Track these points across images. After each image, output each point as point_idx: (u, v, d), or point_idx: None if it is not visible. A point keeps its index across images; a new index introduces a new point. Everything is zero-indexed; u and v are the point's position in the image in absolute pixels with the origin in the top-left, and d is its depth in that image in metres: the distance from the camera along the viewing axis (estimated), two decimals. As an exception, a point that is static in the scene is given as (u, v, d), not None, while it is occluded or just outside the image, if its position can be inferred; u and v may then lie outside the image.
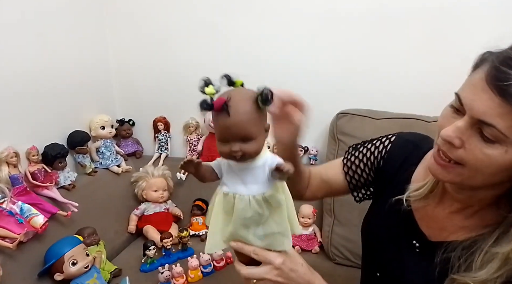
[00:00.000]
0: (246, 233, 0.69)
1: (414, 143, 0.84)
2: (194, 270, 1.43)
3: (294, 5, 1.65)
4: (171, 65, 1.88)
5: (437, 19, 1.51)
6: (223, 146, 0.63)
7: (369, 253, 0.92)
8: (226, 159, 0.66)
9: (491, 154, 0.56)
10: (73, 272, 1.25)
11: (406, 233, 0.79)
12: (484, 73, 0.55)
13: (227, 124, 0.60)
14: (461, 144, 0.58)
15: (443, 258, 0.68)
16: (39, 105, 1.50)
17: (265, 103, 0.60)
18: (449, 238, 0.71)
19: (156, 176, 1.78)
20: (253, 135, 0.62)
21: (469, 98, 0.57)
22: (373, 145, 0.91)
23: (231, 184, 0.68)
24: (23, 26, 1.42)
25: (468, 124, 0.57)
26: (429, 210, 0.76)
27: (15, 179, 1.31)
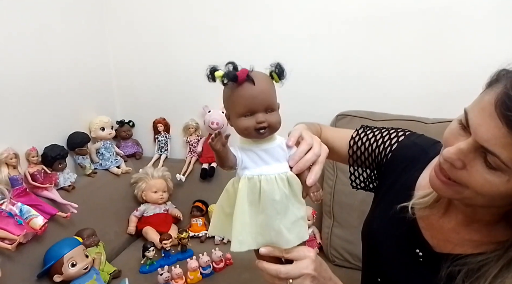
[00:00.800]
0: (279, 223, 0.65)
1: (422, 147, 0.82)
2: (193, 272, 1.42)
3: (294, 7, 1.66)
4: (171, 66, 1.88)
5: (436, 21, 1.51)
6: (246, 120, 0.62)
7: (370, 257, 0.90)
8: (249, 135, 0.64)
9: (492, 181, 0.54)
10: (72, 274, 1.25)
11: (409, 241, 0.76)
12: (494, 98, 0.53)
13: (253, 93, 0.61)
14: (463, 166, 0.57)
15: (448, 271, 0.66)
16: (38, 107, 1.50)
17: (281, 76, 0.63)
18: (454, 251, 0.68)
19: (155, 177, 1.78)
20: (275, 106, 0.64)
21: (476, 122, 0.55)
22: (382, 137, 0.88)
23: (253, 167, 0.66)
24: (23, 27, 1.42)
25: (472, 147, 0.55)
26: (434, 220, 0.74)
27: (14, 180, 1.31)
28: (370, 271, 0.91)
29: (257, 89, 0.61)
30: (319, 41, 1.67)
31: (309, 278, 0.68)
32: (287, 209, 0.66)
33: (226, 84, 0.62)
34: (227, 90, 0.64)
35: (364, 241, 0.92)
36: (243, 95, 0.62)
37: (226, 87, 0.64)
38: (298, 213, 0.67)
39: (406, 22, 1.55)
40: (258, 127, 0.62)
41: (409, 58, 1.58)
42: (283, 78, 0.64)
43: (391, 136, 0.87)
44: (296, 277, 0.68)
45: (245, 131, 0.64)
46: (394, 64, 1.61)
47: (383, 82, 1.64)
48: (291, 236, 0.67)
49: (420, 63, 1.57)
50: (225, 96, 0.66)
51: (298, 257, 0.69)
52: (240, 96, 0.62)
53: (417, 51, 1.56)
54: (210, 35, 1.79)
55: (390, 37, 1.59)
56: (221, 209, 0.72)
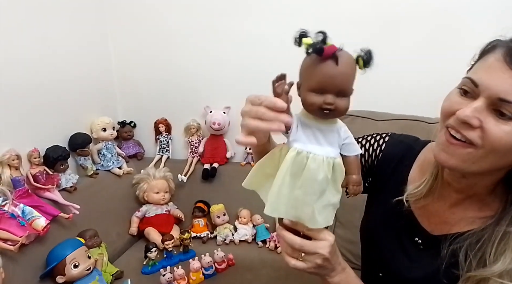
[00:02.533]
0: (313, 203, 0.65)
1: (407, 144, 0.86)
2: (195, 272, 1.42)
3: (295, 7, 1.66)
4: (173, 67, 1.88)
5: (439, 21, 1.51)
6: (316, 96, 0.60)
7: (370, 254, 0.92)
8: (312, 111, 0.63)
9: (509, 131, 0.57)
10: (75, 275, 1.25)
11: (407, 232, 0.80)
12: (501, 55, 0.57)
13: (333, 72, 0.59)
14: (480, 123, 0.58)
15: (449, 251, 0.69)
16: (40, 108, 1.50)
17: (367, 64, 0.61)
18: (452, 231, 0.72)
19: (157, 177, 1.78)
20: (349, 92, 0.62)
21: (486, 79, 0.58)
22: (367, 141, 0.92)
23: (305, 142, 0.64)
24: (25, 28, 1.42)
25: (485, 104, 0.58)
26: (429, 206, 0.77)
27: (17, 182, 1.31)
28: (370, 267, 0.92)
29: (338, 70, 0.59)
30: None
31: (321, 258, 0.70)
32: (323, 192, 0.66)
33: (310, 53, 0.59)
34: (308, 60, 0.62)
35: (363, 239, 0.94)
36: (321, 71, 0.59)
37: (308, 56, 0.62)
38: (332, 199, 0.67)
39: (409, 22, 1.55)
40: (324, 108, 0.61)
41: (411, 58, 1.58)
42: (368, 66, 0.62)
43: (377, 139, 0.91)
44: (310, 253, 0.70)
45: (309, 107, 0.62)
46: (396, 64, 1.60)
47: (385, 82, 1.63)
48: (320, 218, 0.67)
49: (422, 63, 1.56)
50: (304, 64, 0.63)
51: (317, 237, 0.70)
52: (319, 71, 0.60)
53: (419, 51, 1.56)
54: (211, 37, 1.79)
55: (392, 37, 1.59)
56: (261, 168, 0.71)
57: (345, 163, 0.66)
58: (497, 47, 0.59)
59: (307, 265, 0.70)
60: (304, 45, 0.58)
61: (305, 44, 0.58)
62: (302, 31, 0.59)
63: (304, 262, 0.70)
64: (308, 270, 0.71)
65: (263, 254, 1.61)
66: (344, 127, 0.67)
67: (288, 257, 0.72)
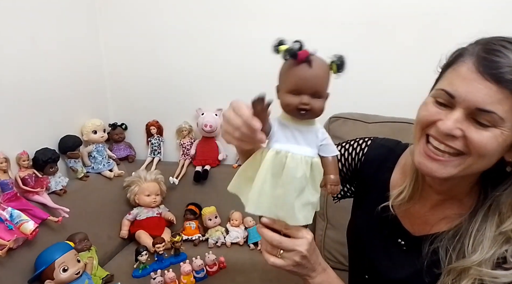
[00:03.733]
0: (293, 200, 0.67)
1: (389, 148, 0.88)
2: (186, 276, 1.41)
3: (286, 10, 1.66)
4: (164, 69, 1.87)
5: (429, 24, 1.53)
6: (293, 97, 0.64)
7: (356, 256, 0.94)
8: (290, 112, 0.66)
9: (491, 137, 0.59)
10: (64, 279, 1.24)
11: (391, 234, 0.82)
12: (472, 66, 0.59)
13: (307, 75, 0.63)
14: (462, 133, 0.61)
15: (430, 250, 0.72)
16: (29, 110, 1.49)
17: (340, 68, 0.66)
18: (432, 231, 0.74)
19: (148, 180, 1.77)
20: (323, 93, 0.67)
21: (463, 91, 0.60)
22: (350, 146, 0.95)
23: (284, 143, 0.68)
24: (14, 30, 1.41)
25: (464, 115, 0.60)
26: (411, 208, 0.79)
27: (5, 185, 1.29)
28: (357, 270, 0.94)
29: (312, 72, 0.64)
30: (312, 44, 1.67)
31: (299, 255, 0.71)
32: (303, 190, 0.68)
33: (286, 59, 0.64)
34: (285, 65, 0.66)
35: (350, 242, 0.97)
36: (296, 73, 0.64)
37: (285, 62, 0.66)
38: (311, 198, 0.70)
39: (400, 25, 1.56)
40: (300, 108, 0.64)
41: (402, 61, 1.59)
42: (341, 71, 0.66)
43: (359, 143, 0.94)
44: (288, 250, 0.71)
45: (286, 107, 0.66)
46: (388, 66, 1.62)
47: (376, 84, 1.65)
48: (300, 215, 0.69)
49: (413, 66, 1.58)
50: (282, 69, 0.68)
51: (296, 235, 0.72)
52: (294, 73, 0.64)
53: (411, 54, 1.57)
54: (203, 39, 1.79)
55: (384, 40, 1.60)
56: (244, 172, 0.74)
57: (323, 163, 0.69)
58: (465, 56, 0.62)
59: (285, 262, 0.72)
60: (281, 51, 0.63)
61: (281, 51, 0.63)
62: (279, 39, 0.65)
63: (283, 259, 0.72)
64: (287, 268, 0.73)
65: (254, 257, 1.60)
66: (322, 129, 0.70)
67: (267, 254, 0.74)
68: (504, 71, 0.56)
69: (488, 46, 0.59)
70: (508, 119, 0.58)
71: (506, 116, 0.58)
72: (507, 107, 0.57)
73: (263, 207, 0.69)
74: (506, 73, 0.56)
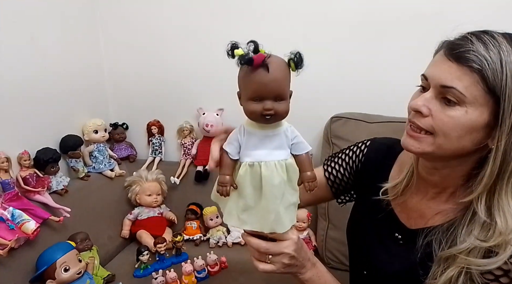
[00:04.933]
0: (277, 208, 0.68)
1: (388, 146, 0.90)
2: (188, 276, 1.41)
3: (288, 9, 1.66)
4: (165, 68, 1.87)
5: (430, 23, 1.52)
6: (255, 104, 0.64)
7: (355, 253, 0.95)
8: (255, 119, 0.66)
9: (454, 115, 0.64)
10: (65, 279, 1.24)
11: (388, 228, 0.83)
12: (443, 50, 0.67)
13: (265, 80, 0.62)
14: (429, 111, 0.67)
15: (424, 243, 0.73)
16: (31, 110, 1.49)
17: (298, 65, 0.64)
18: (428, 224, 0.75)
19: (149, 180, 1.77)
20: (285, 95, 0.65)
21: (432, 71, 0.68)
22: (350, 150, 0.97)
23: (253, 154, 0.67)
24: (15, 30, 1.41)
25: (433, 94, 0.66)
26: (408, 202, 0.82)
27: (6, 184, 1.29)
28: (356, 266, 0.96)
29: (270, 77, 0.62)
30: (313, 44, 1.67)
31: (288, 257, 0.73)
32: (283, 195, 0.68)
33: (242, 64, 0.63)
34: (242, 71, 0.65)
35: (349, 239, 0.98)
36: (255, 80, 0.63)
37: (241, 67, 0.65)
38: (291, 198, 0.70)
39: (401, 24, 1.56)
40: (264, 114, 0.63)
41: (404, 60, 1.58)
42: (300, 67, 0.65)
43: (359, 146, 0.96)
44: (275, 254, 0.73)
45: (251, 115, 0.65)
46: (389, 66, 1.62)
47: (378, 84, 1.65)
48: (286, 220, 0.70)
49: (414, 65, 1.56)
50: (240, 75, 0.67)
51: (281, 237, 0.73)
52: (252, 80, 0.63)
53: (412, 53, 1.56)
54: (204, 38, 1.78)
55: (385, 39, 1.60)
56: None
57: (297, 162, 0.69)
58: (443, 46, 0.68)
59: (275, 267, 0.74)
60: (237, 56, 0.62)
61: (237, 55, 0.62)
62: (233, 43, 0.64)
63: (272, 264, 0.74)
64: (278, 271, 0.74)
65: (256, 257, 1.60)
66: (291, 127, 0.70)
67: (257, 262, 0.76)
68: (463, 50, 0.62)
69: (461, 36, 0.66)
70: (469, 96, 0.62)
71: (466, 92, 0.62)
72: (467, 83, 0.62)
73: (250, 222, 0.70)
74: (463, 52, 0.62)
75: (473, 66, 0.61)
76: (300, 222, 1.61)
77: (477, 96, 0.62)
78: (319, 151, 1.74)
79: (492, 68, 0.60)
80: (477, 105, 0.62)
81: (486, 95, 0.61)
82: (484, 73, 0.60)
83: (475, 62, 0.61)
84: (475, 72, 0.61)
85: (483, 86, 0.61)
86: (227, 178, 0.68)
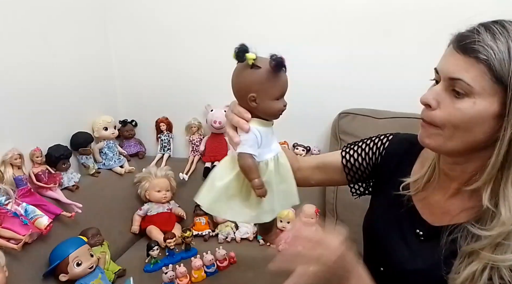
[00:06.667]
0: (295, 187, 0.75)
1: (411, 141, 0.87)
2: (197, 270, 1.43)
3: (297, 5, 1.66)
4: (174, 66, 1.89)
5: (439, 18, 1.51)
6: (278, 103, 0.69)
7: (371, 249, 0.93)
8: (276, 116, 0.71)
9: (462, 107, 0.63)
10: (77, 273, 1.26)
11: (409, 224, 0.81)
12: (452, 44, 0.66)
13: (286, 79, 0.69)
14: (437, 104, 0.67)
15: (449, 240, 0.71)
16: (42, 107, 1.51)
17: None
18: (452, 221, 0.73)
19: (159, 176, 1.79)
20: None
21: (441, 64, 0.68)
22: (371, 141, 0.95)
23: (272, 149, 0.72)
24: (26, 28, 1.43)
25: (443, 86, 0.66)
26: (430, 198, 0.80)
27: (19, 181, 1.32)
28: (371, 263, 0.92)
29: (287, 76, 0.69)
30: (321, 39, 1.67)
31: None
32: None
33: (255, 67, 0.65)
34: (261, 74, 0.66)
35: (366, 234, 0.95)
36: (282, 81, 0.68)
37: (257, 70, 0.66)
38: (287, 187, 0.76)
39: (409, 19, 1.55)
40: (283, 110, 0.70)
41: (412, 55, 1.58)
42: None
43: (381, 138, 0.95)
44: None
45: (276, 113, 0.70)
46: (397, 61, 1.61)
47: (385, 80, 1.64)
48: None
49: (423, 61, 1.56)
50: (257, 79, 0.67)
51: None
52: (279, 81, 0.68)
53: (420, 48, 1.56)
54: (212, 35, 1.79)
55: (393, 34, 1.59)
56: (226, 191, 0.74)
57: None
58: (453, 39, 0.67)
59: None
60: (249, 60, 0.64)
61: (250, 59, 0.64)
62: (243, 46, 0.66)
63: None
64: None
65: (264, 252, 1.61)
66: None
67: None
68: (469, 41, 0.62)
69: (470, 27, 0.65)
70: (477, 87, 0.61)
71: (473, 83, 0.61)
72: (473, 74, 0.61)
73: (277, 208, 0.74)
74: (470, 43, 0.62)
75: (479, 57, 0.60)
76: (308, 217, 1.61)
77: (485, 86, 0.61)
78: (327, 147, 1.74)
79: (499, 58, 0.59)
80: (486, 95, 0.62)
81: (494, 85, 0.61)
82: (491, 63, 0.60)
83: (481, 53, 0.60)
84: (481, 62, 0.60)
85: (491, 77, 0.60)
86: (261, 179, 0.68)
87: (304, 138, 1.78)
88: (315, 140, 1.80)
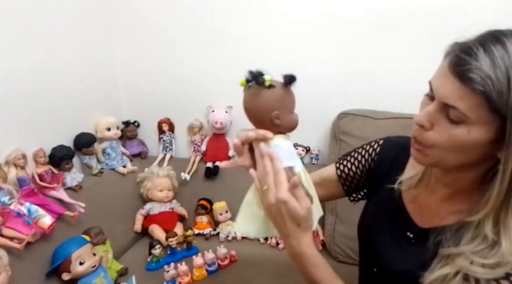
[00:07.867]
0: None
1: (402, 144, 0.88)
2: (199, 269, 1.45)
3: (297, 7, 1.67)
4: (176, 67, 1.90)
5: (438, 19, 1.52)
6: (295, 114, 0.75)
7: (366, 250, 0.94)
8: (295, 127, 0.75)
9: (456, 134, 0.61)
10: (80, 272, 1.28)
11: (400, 227, 0.82)
12: (447, 62, 0.62)
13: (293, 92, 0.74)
14: (430, 126, 0.64)
15: (435, 241, 0.72)
16: (46, 108, 1.52)
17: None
18: (441, 223, 0.74)
19: (161, 176, 1.80)
20: None
21: (436, 84, 0.64)
22: (363, 149, 0.97)
23: (297, 161, 0.75)
24: (30, 29, 1.44)
25: (437, 108, 0.63)
26: (422, 200, 0.81)
27: (22, 181, 1.33)
28: (366, 263, 0.95)
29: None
30: (321, 40, 1.68)
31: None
32: None
33: (271, 86, 0.70)
34: (279, 91, 0.71)
35: (360, 237, 0.97)
36: (293, 93, 0.74)
37: (274, 89, 0.71)
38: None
39: (408, 20, 1.56)
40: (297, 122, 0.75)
41: (411, 56, 1.58)
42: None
43: (372, 145, 0.96)
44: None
45: (297, 123, 0.75)
46: (396, 62, 1.62)
47: (385, 80, 1.65)
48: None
49: (422, 61, 1.57)
50: (278, 96, 0.72)
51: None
52: (292, 95, 0.74)
53: (419, 49, 1.57)
54: (214, 36, 1.80)
55: (392, 35, 1.60)
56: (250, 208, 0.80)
57: None
58: (449, 53, 0.63)
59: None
60: (266, 81, 0.69)
61: (267, 81, 0.70)
62: (257, 71, 0.71)
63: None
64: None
65: (265, 250, 1.63)
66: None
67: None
68: (467, 68, 0.57)
69: (465, 46, 0.60)
70: (472, 116, 0.58)
71: (469, 113, 0.58)
72: (469, 105, 0.58)
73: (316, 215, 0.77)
74: (468, 71, 0.57)
75: (476, 88, 0.56)
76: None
77: (481, 116, 0.58)
78: (326, 147, 1.75)
79: (498, 89, 0.55)
80: (482, 124, 0.59)
81: (492, 115, 0.57)
82: (488, 94, 0.56)
83: (479, 84, 0.56)
84: (478, 94, 0.56)
85: (488, 107, 0.57)
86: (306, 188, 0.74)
87: (304, 138, 1.79)
88: (315, 141, 1.81)
